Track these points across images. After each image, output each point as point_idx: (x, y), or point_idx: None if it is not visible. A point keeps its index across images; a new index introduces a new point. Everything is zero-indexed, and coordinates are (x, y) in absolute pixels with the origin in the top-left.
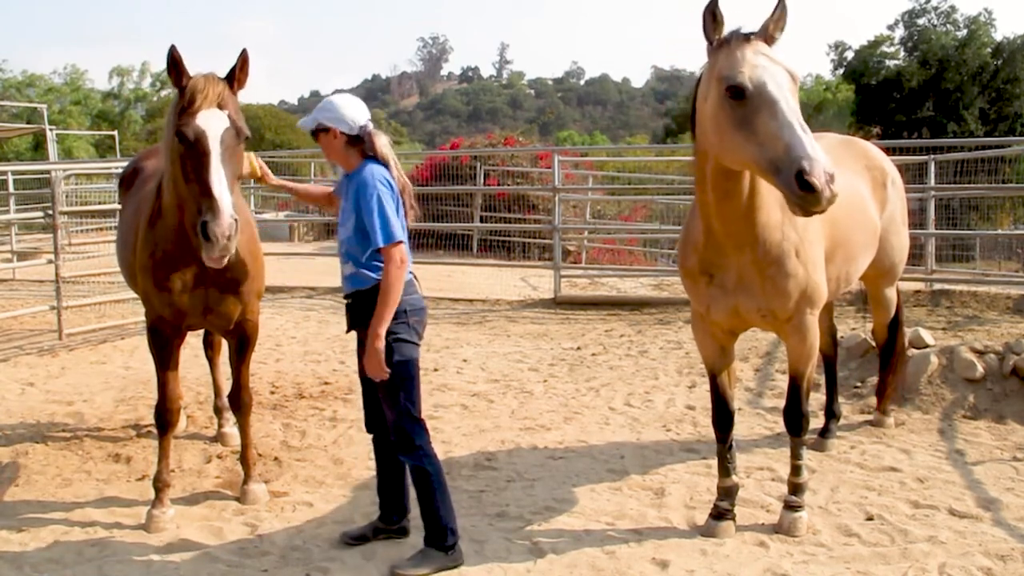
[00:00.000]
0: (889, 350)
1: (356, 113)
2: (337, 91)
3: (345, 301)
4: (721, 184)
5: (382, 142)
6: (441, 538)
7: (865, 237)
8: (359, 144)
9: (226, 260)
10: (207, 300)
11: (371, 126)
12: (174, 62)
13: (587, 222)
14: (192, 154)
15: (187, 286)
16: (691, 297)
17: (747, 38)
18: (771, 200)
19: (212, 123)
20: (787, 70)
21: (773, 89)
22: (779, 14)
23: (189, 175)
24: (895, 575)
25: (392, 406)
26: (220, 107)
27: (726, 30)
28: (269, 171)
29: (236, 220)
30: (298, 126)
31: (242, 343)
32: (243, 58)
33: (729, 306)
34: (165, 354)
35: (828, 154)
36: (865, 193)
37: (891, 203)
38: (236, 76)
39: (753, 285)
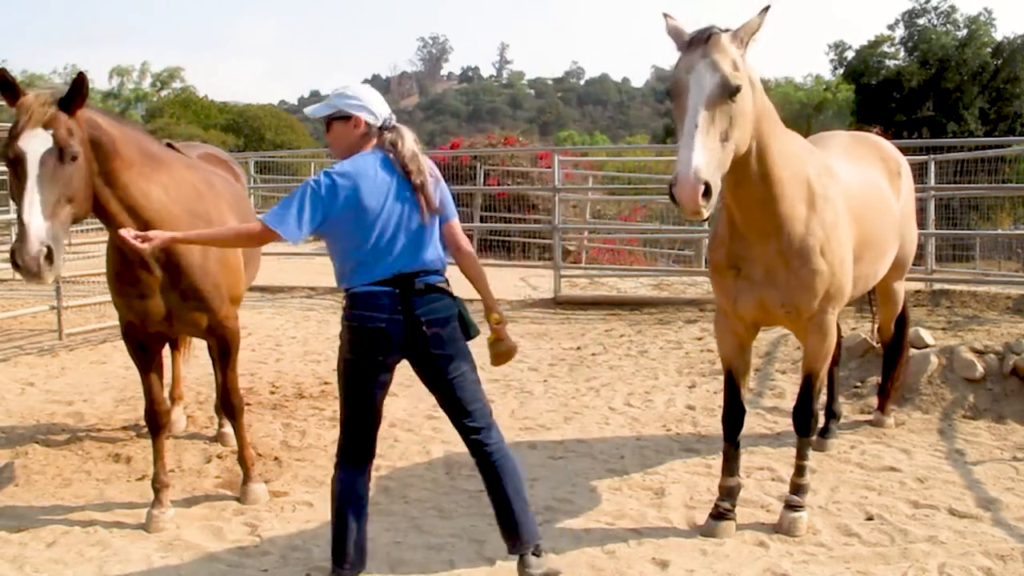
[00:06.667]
0: (895, 347)
1: (382, 105)
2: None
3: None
4: (729, 171)
5: (410, 139)
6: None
7: (890, 234)
8: (374, 137)
9: (47, 281)
10: (168, 306)
11: (394, 119)
12: (7, 84)
13: (587, 222)
14: (13, 176)
15: (144, 292)
16: (718, 293)
17: (690, 43)
18: (795, 194)
19: (32, 144)
20: (708, 71)
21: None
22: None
23: (14, 197)
24: (895, 575)
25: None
26: (46, 127)
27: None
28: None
29: (49, 247)
30: (309, 112)
31: (222, 349)
32: (79, 81)
33: (755, 299)
34: (142, 358)
35: (836, 152)
36: (884, 187)
37: (904, 194)
38: (73, 97)
39: (779, 277)
